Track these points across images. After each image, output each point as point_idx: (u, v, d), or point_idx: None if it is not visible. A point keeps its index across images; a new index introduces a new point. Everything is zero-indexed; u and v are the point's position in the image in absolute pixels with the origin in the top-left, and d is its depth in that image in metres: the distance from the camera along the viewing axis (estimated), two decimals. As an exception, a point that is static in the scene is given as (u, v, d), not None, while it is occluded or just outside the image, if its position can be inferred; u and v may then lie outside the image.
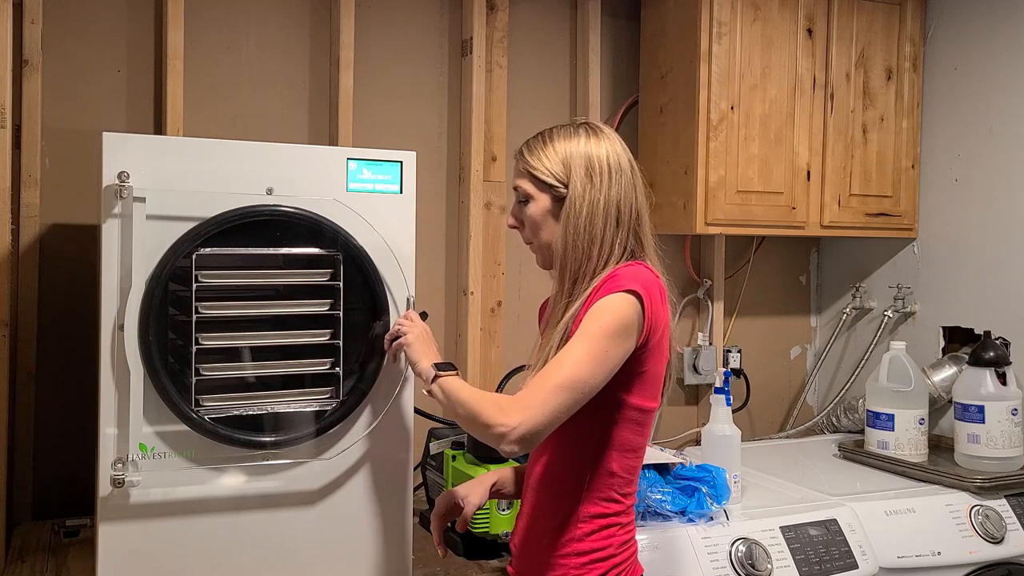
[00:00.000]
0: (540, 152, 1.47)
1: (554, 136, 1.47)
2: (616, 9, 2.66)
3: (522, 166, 1.49)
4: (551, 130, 1.49)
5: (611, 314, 1.33)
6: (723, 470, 1.96)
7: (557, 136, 1.47)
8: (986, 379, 2.22)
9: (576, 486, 1.40)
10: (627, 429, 1.40)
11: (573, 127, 1.48)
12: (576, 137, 1.46)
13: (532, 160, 1.47)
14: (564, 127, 1.49)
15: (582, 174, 1.42)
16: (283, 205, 1.61)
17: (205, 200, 1.55)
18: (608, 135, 1.47)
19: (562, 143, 1.46)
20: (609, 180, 1.42)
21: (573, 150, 1.44)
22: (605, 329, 1.32)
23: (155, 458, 1.54)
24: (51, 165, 2.05)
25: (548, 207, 1.45)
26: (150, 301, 1.51)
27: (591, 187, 1.42)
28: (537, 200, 1.46)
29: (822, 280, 3.03)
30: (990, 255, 2.50)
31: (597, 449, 1.40)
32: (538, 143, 1.48)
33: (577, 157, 1.44)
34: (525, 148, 1.50)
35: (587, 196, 1.41)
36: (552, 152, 1.45)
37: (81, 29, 2.10)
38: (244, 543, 1.61)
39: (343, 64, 2.29)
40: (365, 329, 1.67)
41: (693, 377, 2.75)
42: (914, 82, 2.66)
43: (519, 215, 1.51)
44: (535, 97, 2.59)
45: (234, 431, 1.58)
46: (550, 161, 1.45)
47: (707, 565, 1.78)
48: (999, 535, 2.05)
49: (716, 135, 2.39)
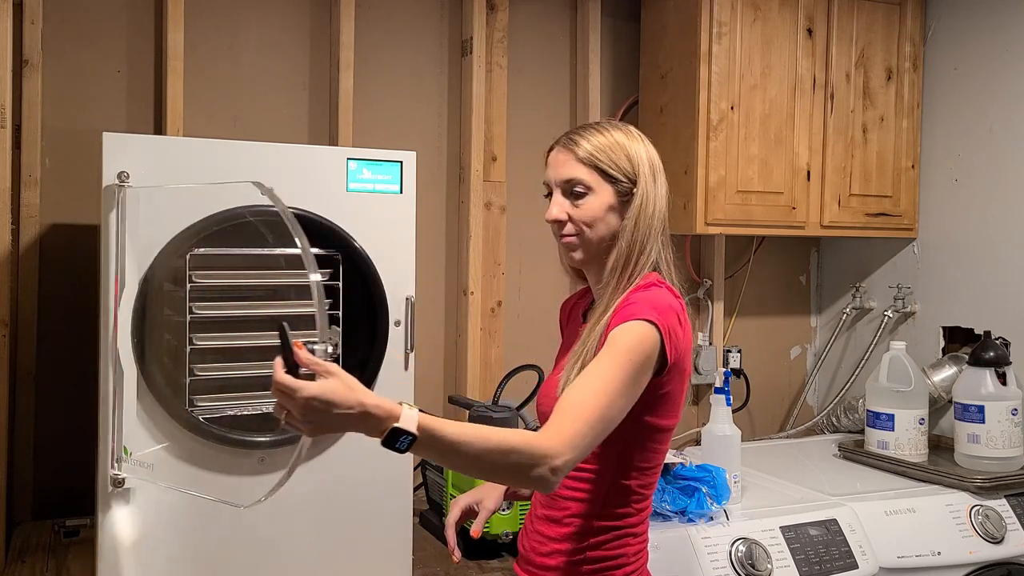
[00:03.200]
0: (603, 144, 1.41)
1: (611, 130, 1.43)
2: (616, 9, 2.66)
3: (583, 156, 1.40)
4: (600, 124, 1.45)
5: (639, 344, 1.29)
6: (723, 470, 1.96)
7: (615, 131, 1.43)
8: (986, 379, 2.22)
9: (594, 499, 1.39)
10: (648, 447, 1.39)
11: (622, 126, 1.45)
12: (630, 135, 1.44)
13: (595, 152, 1.40)
14: (613, 123, 1.46)
15: (648, 172, 1.41)
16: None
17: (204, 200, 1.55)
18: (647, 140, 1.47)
19: (622, 139, 1.42)
20: (662, 184, 1.43)
21: (635, 148, 1.42)
22: (634, 361, 1.28)
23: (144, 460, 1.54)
24: (51, 165, 2.05)
25: (611, 202, 1.40)
26: (144, 301, 1.51)
27: (654, 187, 1.41)
28: (598, 193, 1.40)
29: (822, 280, 3.02)
30: (990, 255, 2.50)
31: (618, 466, 1.38)
32: (595, 135, 1.42)
33: (642, 155, 1.42)
34: (580, 139, 1.42)
35: (655, 195, 1.41)
36: (617, 146, 1.41)
37: (81, 29, 2.10)
38: (243, 543, 1.61)
39: (343, 64, 2.28)
40: (364, 329, 1.67)
41: (693, 377, 2.74)
42: (914, 82, 2.66)
43: (566, 208, 1.42)
44: (535, 97, 2.59)
45: (229, 431, 1.58)
46: (616, 155, 1.40)
47: (707, 565, 1.78)
48: (999, 535, 2.04)
49: (716, 135, 2.39)
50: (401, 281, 1.70)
